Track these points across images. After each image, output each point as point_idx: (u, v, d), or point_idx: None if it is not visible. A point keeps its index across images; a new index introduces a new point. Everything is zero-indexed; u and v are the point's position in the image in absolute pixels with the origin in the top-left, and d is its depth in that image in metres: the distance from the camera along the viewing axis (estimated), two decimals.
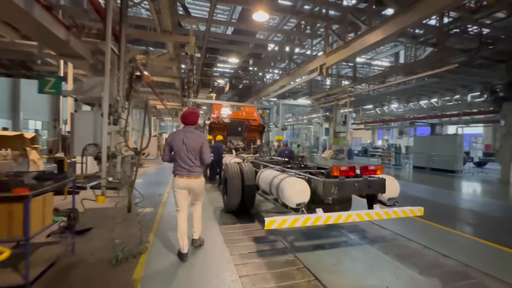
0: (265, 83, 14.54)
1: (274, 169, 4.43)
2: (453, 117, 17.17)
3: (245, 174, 5.07)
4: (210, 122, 10.23)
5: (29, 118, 20.69)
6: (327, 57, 7.32)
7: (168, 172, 10.19)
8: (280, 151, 7.92)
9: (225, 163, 7.48)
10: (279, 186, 3.31)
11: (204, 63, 11.72)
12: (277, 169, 4.43)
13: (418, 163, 15.21)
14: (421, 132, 28.68)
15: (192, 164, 3.25)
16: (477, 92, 16.15)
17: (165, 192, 6.97)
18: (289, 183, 3.21)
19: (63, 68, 6.87)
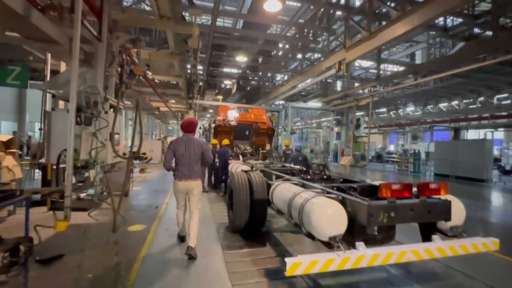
0: (274, 84, 13.73)
1: (291, 182, 3.56)
2: (482, 120, 15.87)
3: (255, 186, 4.21)
4: (216, 125, 9.44)
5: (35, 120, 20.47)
6: (347, 51, 6.47)
7: (170, 179, 9.48)
8: (292, 157, 7.04)
9: (231, 171, 6.65)
10: (303, 209, 2.43)
11: (210, 62, 11.02)
12: (295, 182, 3.55)
13: (440, 170, 14.02)
14: (440, 137, 27.30)
15: (192, 169, 3.58)
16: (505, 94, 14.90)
17: (164, 203, 6.16)
18: (318, 206, 2.32)
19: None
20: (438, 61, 9.47)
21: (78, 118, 2.72)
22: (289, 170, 5.77)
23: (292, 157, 6.94)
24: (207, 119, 35.86)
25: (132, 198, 6.64)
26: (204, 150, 3.69)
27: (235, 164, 6.72)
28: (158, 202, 6.22)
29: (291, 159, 6.94)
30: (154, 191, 7.68)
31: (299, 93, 18.02)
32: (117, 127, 4.52)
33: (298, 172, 5.46)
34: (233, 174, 4.60)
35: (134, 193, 7.17)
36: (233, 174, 4.55)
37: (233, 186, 4.41)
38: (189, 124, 3.77)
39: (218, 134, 9.49)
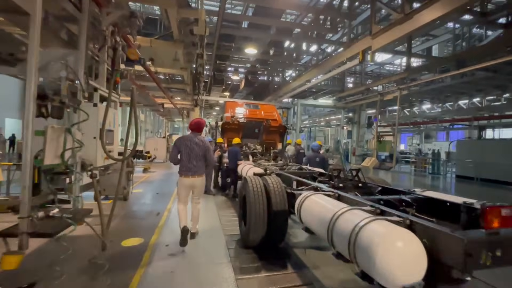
0: (285, 79, 12.93)
1: (322, 192, 2.81)
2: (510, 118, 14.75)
3: (273, 194, 3.50)
4: (223, 122, 8.73)
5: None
6: (373, 39, 5.68)
7: (175, 179, 8.82)
8: (309, 158, 6.28)
9: (242, 174, 5.94)
10: (356, 240, 1.69)
11: (218, 56, 10.32)
12: (327, 193, 2.80)
13: (463, 172, 13.02)
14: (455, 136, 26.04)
15: (197, 165, 3.83)
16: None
17: (166, 209, 5.50)
18: (383, 239, 1.57)
19: None
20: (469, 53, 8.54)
21: (43, 108, 2.04)
22: (309, 173, 5.04)
23: (308, 158, 6.18)
24: (213, 117, 35.30)
25: (131, 202, 6.01)
26: (207, 149, 3.94)
27: (246, 166, 6.01)
28: (160, 208, 5.55)
29: (307, 160, 6.19)
30: (157, 194, 7.03)
31: (309, 89, 17.19)
32: (110, 122, 3.88)
33: (320, 176, 4.72)
34: (246, 180, 3.89)
35: (134, 196, 6.54)
36: (247, 180, 3.84)
37: (247, 194, 3.70)
38: (197, 124, 4.06)
39: (225, 132, 8.79)
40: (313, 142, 6.56)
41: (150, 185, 8.39)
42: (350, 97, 16.05)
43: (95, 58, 3.44)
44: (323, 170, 5.51)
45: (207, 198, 6.80)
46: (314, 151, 6.41)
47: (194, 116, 15.70)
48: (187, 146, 3.83)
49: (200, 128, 4.05)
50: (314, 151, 6.40)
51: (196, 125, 4.02)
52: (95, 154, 3.39)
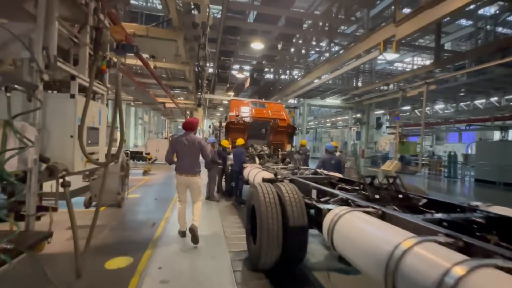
0: (293, 77, 12.28)
1: (361, 210, 2.14)
2: None
3: (289, 206, 2.86)
4: (228, 121, 8.10)
5: None
6: (397, 26, 5.01)
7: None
8: (324, 161, 5.61)
9: (249, 178, 5.31)
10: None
11: (222, 52, 9.73)
12: (365, 209, 2.14)
13: (483, 175, 12.18)
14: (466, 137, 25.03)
15: (192, 164, 3.90)
16: None
17: (163, 218, 4.87)
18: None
19: None
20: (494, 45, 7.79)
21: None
22: (326, 179, 4.38)
23: (324, 161, 5.51)
24: (217, 118, 34.75)
25: (125, 210, 5.40)
26: (202, 146, 3.98)
27: (253, 169, 5.36)
28: (157, 217, 4.93)
29: (321, 162, 5.52)
30: (155, 199, 6.42)
31: (316, 89, 16.52)
32: (94, 119, 3.27)
33: (340, 183, 4.06)
34: (255, 187, 3.25)
35: (129, 202, 5.94)
36: (256, 187, 3.20)
37: (256, 205, 3.06)
38: (189, 123, 4.16)
39: (230, 132, 8.16)
40: (328, 143, 5.90)
41: (149, 189, 7.79)
42: (364, 96, 15.26)
43: (73, 40, 2.84)
44: (340, 175, 4.85)
45: (210, 204, 6.18)
46: (328, 153, 5.74)
47: (197, 116, 15.14)
48: (182, 146, 3.92)
49: (193, 127, 4.15)
50: (329, 153, 5.73)
51: (189, 124, 4.14)
52: (71, 156, 2.77)
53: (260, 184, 3.30)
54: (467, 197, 8.68)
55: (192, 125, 4.15)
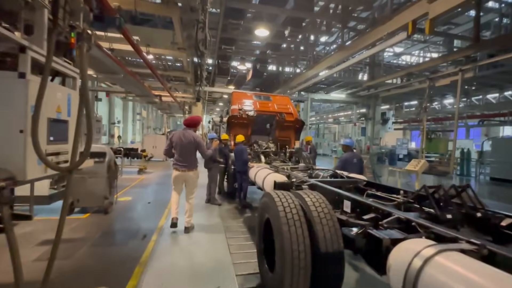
0: (299, 68, 11.43)
1: (454, 247, 1.41)
2: None
3: (318, 226, 2.15)
4: (230, 116, 7.33)
5: None
6: (430, 3, 4.23)
7: None
8: (346, 160, 4.86)
9: (256, 181, 4.59)
10: None
11: (223, 40, 8.91)
12: (462, 247, 1.40)
13: (500, 173, 11.49)
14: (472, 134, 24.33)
15: (187, 160, 3.94)
16: None
17: (156, 229, 4.14)
18: None
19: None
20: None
21: None
22: (351, 182, 3.66)
23: (345, 160, 4.76)
24: (216, 113, 33.91)
25: (112, 217, 4.67)
26: (197, 143, 3.99)
27: (261, 170, 4.63)
28: (149, 226, 4.21)
29: (343, 162, 4.78)
30: (148, 203, 5.69)
31: (321, 82, 15.74)
32: (59, 108, 2.51)
33: (370, 189, 3.33)
34: (271, 197, 2.52)
35: (119, 207, 5.22)
36: (272, 198, 2.47)
37: (275, 223, 2.34)
38: (190, 119, 4.22)
39: (232, 128, 7.40)
40: (347, 139, 5.17)
41: (143, 190, 7.05)
42: (372, 90, 14.47)
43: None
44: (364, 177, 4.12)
45: (211, 209, 5.46)
46: (350, 150, 4.98)
47: (196, 112, 14.35)
48: (178, 141, 3.94)
49: (194, 124, 4.18)
50: (350, 150, 4.97)
51: (191, 121, 4.18)
52: (21, 159, 2.01)
53: (277, 193, 2.57)
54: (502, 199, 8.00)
55: (192, 122, 4.17)
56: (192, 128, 4.16)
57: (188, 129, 4.10)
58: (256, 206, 5.96)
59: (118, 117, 36.53)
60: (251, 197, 6.63)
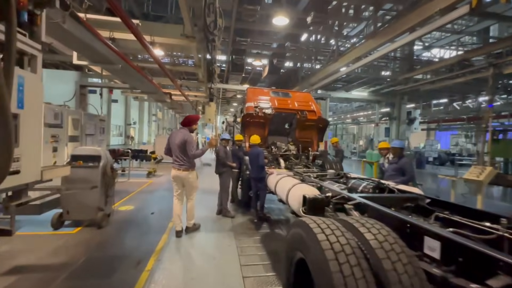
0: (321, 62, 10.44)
1: None
2: None
3: (393, 278, 1.23)
4: (245, 114, 6.50)
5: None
6: None
7: None
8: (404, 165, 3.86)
9: (278, 193, 3.73)
10: None
11: (237, 31, 8.13)
12: None
13: None
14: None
15: (181, 158, 3.89)
16: None
17: (155, 252, 3.36)
18: None
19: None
20: None
21: None
22: (408, 199, 2.71)
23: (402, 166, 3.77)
24: (230, 114, 33.33)
25: (107, 232, 3.95)
26: (185, 141, 3.83)
27: (283, 180, 3.75)
28: (146, 248, 3.44)
29: (408, 165, 3.81)
30: (152, 214, 4.95)
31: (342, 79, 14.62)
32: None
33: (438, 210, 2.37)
34: (307, 228, 1.65)
35: (117, 219, 4.51)
36: (309, 229, 1.60)
37: (318, 270, 1.46)
38: (185, 118, 4.15)
39: (247, 127, 6.57)
40: (395, 140, 4.21)
41: (149, 197, 6.37)
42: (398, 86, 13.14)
43: None
44: (418, 190, 3.13)
45: (223, 223, 4.64)
46: (400, 154, 4.00)
47: (209, 112, 13.68)
48: (172, 141, 3.97)
49: (189, 122, 4.07)
50: (401, 154, 3.99)
51: (185, 120, 4.11)
52: None
53: (315, 222, 1.70)
54: None
55: (187, 120, 4.07)
56: (187, 127, 4.01)
57: (183, 128, 4.03)
58: (275, 219, 5.08)
59: (134, 118, 37.04)
60: (268, 206, 5.78)
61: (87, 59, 4.63)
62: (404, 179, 3.68)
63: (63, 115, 4.92)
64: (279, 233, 4.29)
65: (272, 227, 4.57)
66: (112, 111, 29.41)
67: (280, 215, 5.44)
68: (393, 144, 4.13)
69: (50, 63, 10.94)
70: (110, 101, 28.68)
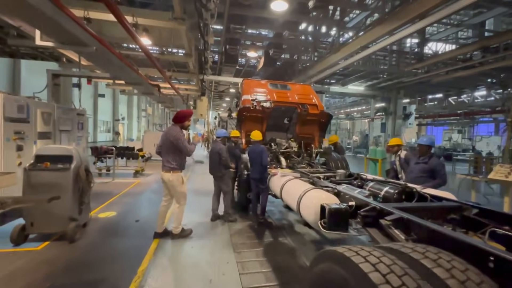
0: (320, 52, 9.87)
1: None
2: None
3: None
4: (241, 108, 5.89)
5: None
6: None
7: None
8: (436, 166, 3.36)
9: (284, 198, 3.19)
10: None
11: (231, 17, 7.45)
12: None
13: None
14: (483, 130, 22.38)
15: (165, 158, 3.54)
16: None
17: (137, 273, 2.76)
18: None
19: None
20: None
21: None
22: (450, 209, 2.20)
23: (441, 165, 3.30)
24: (223, 109, 32.49)
25: (80, 247, 3.30)
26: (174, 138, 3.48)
27: (291, 183, 3.20)
28: (128, 266, 2.83)
29: (440, 166, 3.32)
30: (136, 222, 4.31)
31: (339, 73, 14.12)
32: None
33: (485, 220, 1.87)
34: (352, 264, 1.08)
35: (96, 228, 3.87)
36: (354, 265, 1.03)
37: None
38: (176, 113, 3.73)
39: (243, 122, 5.99)
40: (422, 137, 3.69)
41: (134, 200, 5.71)
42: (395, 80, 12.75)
43: None
44: (451, 195, 2.63)
45: (219, 231, 4.07)
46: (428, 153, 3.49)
47: (201, 107, 12.97)
48: (162, 138, 3.66)
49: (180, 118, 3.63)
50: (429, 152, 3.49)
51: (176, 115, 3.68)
52: None
53: (358, 253, 1.16)
54: None
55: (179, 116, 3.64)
56: (179, 123, 3.59)
57: (174, 125, 3.61)
58: (277, 224, 4.54)
59: (123, 113, 35.64)
60: (268, 209, 5.23)
61: (53, 39, 3.90)
62: (435, 183, 3.18)
63: (29, 108, 4.20)
64: (283, 243, 3.75)
65: (275, 235, 4.03)
66: (99, 106, 28.16)
67: (282, 219, 4.91)
68: (420, 141, 3.61)
69: (28, 53, 10.01)
70: (96, 96, 27.40)
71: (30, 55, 10.11)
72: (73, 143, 5.48)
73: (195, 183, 7.74)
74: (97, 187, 6.74)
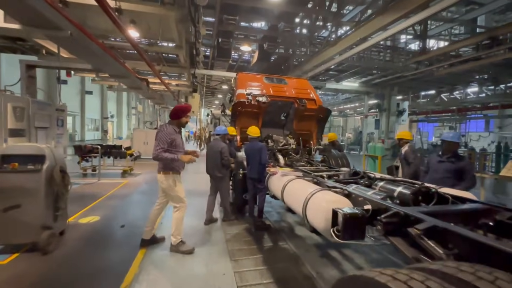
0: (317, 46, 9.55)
1: None
2: None
3: None
4: (236, 102, 5.53)
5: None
6: None
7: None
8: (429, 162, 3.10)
9: (286, 200, 2.86)
10: None
11: (224, 6, 7.04)
12: None
13: None
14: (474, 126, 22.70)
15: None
16: None
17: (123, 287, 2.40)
18: None
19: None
20: None
21: None
22: (478, 212, 1.92)
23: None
24: (215, 106, 31.93)
25: (54, 260, 2.90)
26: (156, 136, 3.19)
27: (294, 183, 2.88)
28: (109, 283, 2.46)
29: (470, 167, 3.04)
30: (121, 227, 3.91)
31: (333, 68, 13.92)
32: None
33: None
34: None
35: (76, 236, 3.46)
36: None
37: None
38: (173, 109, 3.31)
39: (238, 118, 5.65)
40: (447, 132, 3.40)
41: (120, 202, 5.28)
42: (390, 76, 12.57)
43: None
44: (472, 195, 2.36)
45: (213, 236, 3.72)
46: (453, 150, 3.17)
47: (193, 104, 12.51)
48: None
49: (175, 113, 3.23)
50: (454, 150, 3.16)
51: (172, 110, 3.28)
52: None
53: (394, 277, 0.83)
54: None
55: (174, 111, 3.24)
56: (175, 120, 3.21)
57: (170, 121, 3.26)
58: (276, 227, 4.22)
59: (112, 111, 34.56)
60: (265, 210, 4.91)
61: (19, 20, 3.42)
62: (466, 186, 2.87)
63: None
64: (284, 248, 3.44)
65: (274, 239, 3.72)
66: (86, 104, 27.15)
67: (281, 221, 4.59)
68: (445, 137, 3.18)
69: (6, 46, 9.34)
70: (83, 92, 26.38)
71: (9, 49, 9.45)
72: (52, 141, 5.01)
73: (187, 183, 7.34)
74: (80, 188, 6.31)
